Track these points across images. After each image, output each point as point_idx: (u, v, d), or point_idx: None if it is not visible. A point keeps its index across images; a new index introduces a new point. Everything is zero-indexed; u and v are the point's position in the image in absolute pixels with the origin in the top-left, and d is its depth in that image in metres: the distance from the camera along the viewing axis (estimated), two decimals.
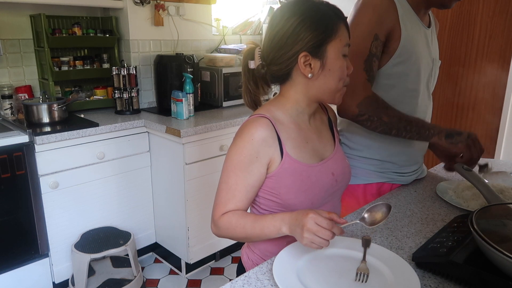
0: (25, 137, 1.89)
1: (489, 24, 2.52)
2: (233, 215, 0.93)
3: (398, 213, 1.16)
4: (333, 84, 0.96)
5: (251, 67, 1.02)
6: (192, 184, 2.22)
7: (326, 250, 0.91)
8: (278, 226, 0.86)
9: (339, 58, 0.94)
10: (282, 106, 1.00)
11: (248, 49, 1.03)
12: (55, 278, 2.12)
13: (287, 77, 0.98)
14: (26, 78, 2.40)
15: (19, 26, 2.33)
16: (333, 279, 0.81)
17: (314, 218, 0.80)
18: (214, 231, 0.97)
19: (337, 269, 0.85)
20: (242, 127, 0.96)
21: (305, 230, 0.79)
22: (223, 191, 0.95)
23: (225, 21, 3.19)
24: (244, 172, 0.93)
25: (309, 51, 0.92)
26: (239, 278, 0.85)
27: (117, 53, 2.57)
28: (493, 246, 0.73)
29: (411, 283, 0.79)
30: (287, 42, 0.93)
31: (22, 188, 1.93)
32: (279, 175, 0.95)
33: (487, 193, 1.10)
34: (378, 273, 0.84)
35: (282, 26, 0.93)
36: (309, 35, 0.91)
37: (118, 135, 2.22)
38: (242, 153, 0.93)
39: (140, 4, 2.52)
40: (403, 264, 0.86)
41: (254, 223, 0.90)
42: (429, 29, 1.30)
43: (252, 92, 1.05)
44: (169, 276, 2.42)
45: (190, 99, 2.37)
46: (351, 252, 0.91)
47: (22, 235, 1.97)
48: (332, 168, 1.03)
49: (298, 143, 0.98)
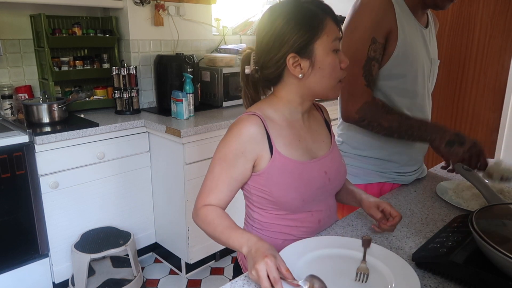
0: (25, 137, 1.89)
1: (489, 24, 2.52)
2: (213, 211, 0.94)
3: None
4: (325, 82, 0.95)
5: (247, 72, 1.03)
6: (192, 184, 2.22)
7: (326, 250, 0.91)
8: (241, 243, 0.84)
9: (329, 55, 0.93)
10: (274, 105, 1.00)
11: (245, 54, 1.03)
12: (55, 278, 2.12)
13: (279, 79, 0.98)
14: (26, 78, 2.40)
15: (19, 26, 2.33)
16: (333, 279, 0.81)
17: (267, 264, 0.75)
18: (194, 219, 0.99)
19: (337, 269, 0.85)
20: (233, 124, 0.97)
21: (254, 267, 0.76)
22: (208, 180, 0.97)
23: (225, 21, 3.19)
24: (228, 164, 0.95)
25: (297, 51, 0.92)
26: (239, 278, 0.85)
27: (117, 53, 2.57)
28: (493, 246, 0.73)
29: (411, 283, 0.79)
30: (274, 45, 0.93)
31: (22, 188, 1.93)
32: (269, 172, 0.96)
33: (487, 193, 1.10)
34: (378, 273, 0.83)
35: (269, 29, 0.93)
36: (294, 36, 0.91)
37: (118, 135, 2.22)
38: (229, 147, 0.95)
39: (140, 4, 2.52)
40: (403, 264, 0.85)
41: (224, 229, 0.90)
42: (426, 29, 1.30)
43: (251, 97, 1.06)
44: (169, 276, 2.42)
45: (190, 99, 2.37)
46: (351, 252, 0.90)
47: (22, 235, 1.97)
48: (326, 167, 1.03)
49: (290, 141, 0.98)
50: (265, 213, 1.02)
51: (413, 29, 1.24)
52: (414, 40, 1.23)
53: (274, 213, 1.01)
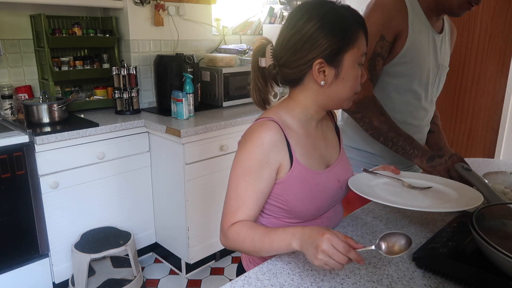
0: (25, 137, 1.89)
1: (489, 24, 2.52)
2: (243, 226, 0.88)
3: (398, 213, 1.16)
4: (345, 94, 0.93)
5: (262, 65, 0.96)
6: (192, 184, 2.22)
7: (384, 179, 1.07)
8: (288, 240, 0.80)
9: (355, 68, 0.91)
10: (290, 110, 0.96)
11: (259, 45, 0.97)
12: (55, 278, 2.12)
13: (299, 82, 0.94)
14: (26, 78, 2.40)
15: (19, 26, 2.33)
16: (398, 190, 1.00)
17: (330, 239, 0.73)
18: (223, 242, 0.92)
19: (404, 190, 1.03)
20: (250, 131, 0.92)
21: (319, 251, 0.73)
22: (232, 199, 0.90)
23: (225, 21, 3.19)
24: (254, 178, 0.88)
25: (325, 58, 0.88)
26: (239, 278, 0.85)
27: (117, 53, 2.57)
28: (493, 246, 0.73)
29: (473, 195, 0.95)
30: (303, 46, 0.88)
31: (22, 188, 1.93)
32: (288, 182, 0.92)
33: (487, 193, 1.10)
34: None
35: (300, 29, 0.88)
36: (327, 42, 0.87)
37: (118, 135, 2.22)
38: (252, 158, 0.88)
39: (140, 4, 2.52)
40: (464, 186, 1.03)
41: (263, 236, 0.84)
42: (439, 35, 1.32)
43: (262, 90, 1.00)
44: (169, 276, 2.42)
45: (190, 99, 2.37)
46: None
47: (22, 235, 1.97)
48: (338, 175, 1.02)
49: (307, 150, 0.96)
50: (276, 220, 0.99)
51: (424, 33, 1.26)
52: (424, 44, 1.26)
53: (286, 221, 0.98)
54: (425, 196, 0.99)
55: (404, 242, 0.77)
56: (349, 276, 0.84)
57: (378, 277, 0.84)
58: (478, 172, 1.25)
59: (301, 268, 0.88)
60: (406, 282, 0.82)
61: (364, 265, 0.88)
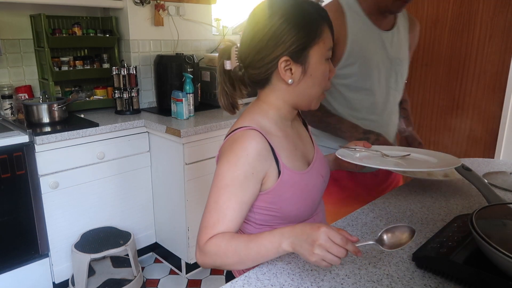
0: (25, 137, 1.89)
1: (489, 24, 2.52)
2: (223, 237, 0.81)
3: (398, 213, 1.16)
4: (313, 91, 0.90)
5: (227, 68, 0.93)
6: (192, 184, 2.22)
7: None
8: (277, 242, 0.75)
9: (322, 63, 0.88)
10: (265, 114, 0.93)
11: (224, 47, 0.94)
12: (55, 278, 2.12)
13: (267, 82, 0.91)
14: (26, 78, 2.41)
15: (19, 26, 2.33)
16: (384, 159, 1.06)
17: (327, 232, 0.70)
18: (200, 260, 0.83)
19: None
20: (230, 143, 0.87)
21: (316, 245, 0.70)
22: (212, 212, 0.83)
23: (225, 21, 3.19)
24: (238, 189, 0.83)
25: (291, 55, 0.85)
26: (239, 278, 0.85)
27: (117, 53, 2.57)
28: (493, 246, 0.73)
29: (447, 157, 1.05)
30: (267, 44, 0.85)
31: (22, 188, 1.93)
32: (279, 189, 0.89)
33: (487, 193, 1.10)
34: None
35: (263, 26, 0.84)
36: (291, 38, 0.83)
37: (118, 135, 2.22)
38: (236, 170, 0.83)
39: (140, 4, 2.52)
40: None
41: (248, 243, 0.78)
42: (388, 32, 1.35)
43: (229, 94, 0.96)
44: (169, 276, 2.42)
45: (190, 99, 2.37)
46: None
47: (22, 235, 1.97)
48: (320, 170, 1.01)
49: (289, 152, 0.93)
50: (270, 229, 0.88)
51: (367, 32, 1.30)
52: (368, 42, 1.30)
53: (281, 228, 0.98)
54: (412, 162, 1.07)
55: (407, 233, 0.75)
56: (349, 276, 0.84)
57: (378, 277, 0.84)
58: (478, 172, 1.26)
59: (301, 268, 0.88)
60: (406, 282, 0.82)
61: (364, 265, 0.88)
